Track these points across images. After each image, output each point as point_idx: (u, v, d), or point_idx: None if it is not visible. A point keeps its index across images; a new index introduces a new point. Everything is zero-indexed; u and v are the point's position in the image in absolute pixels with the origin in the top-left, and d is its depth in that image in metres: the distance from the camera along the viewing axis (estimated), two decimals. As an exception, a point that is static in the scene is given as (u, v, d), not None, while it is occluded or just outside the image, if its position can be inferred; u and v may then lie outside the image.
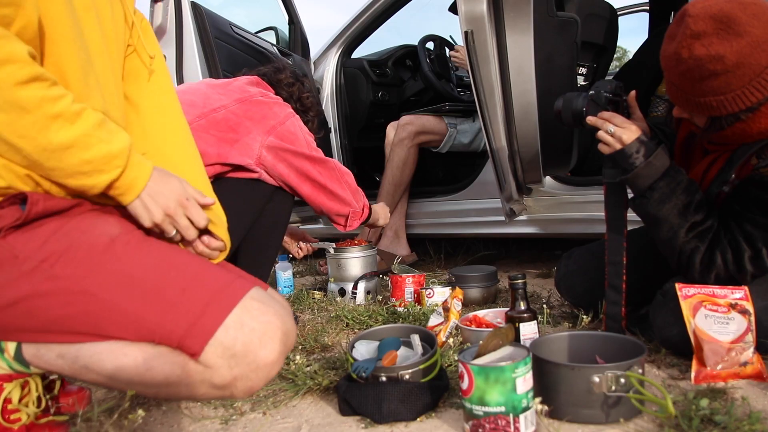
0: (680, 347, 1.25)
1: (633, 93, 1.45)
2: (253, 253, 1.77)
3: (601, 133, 1.36)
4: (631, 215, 1.44)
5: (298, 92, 1.93)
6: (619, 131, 1.33)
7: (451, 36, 3.26)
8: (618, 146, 1.33)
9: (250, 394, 0.94)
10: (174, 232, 1.03)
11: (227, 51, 2.45)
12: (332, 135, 3.06)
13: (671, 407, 0.94)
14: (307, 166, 1.75)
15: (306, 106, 1.95)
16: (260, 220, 1.76)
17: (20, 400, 1.03)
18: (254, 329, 0.92)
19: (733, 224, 1.26)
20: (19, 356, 0.99)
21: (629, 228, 1.47)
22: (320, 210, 1.86)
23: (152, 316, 0.91)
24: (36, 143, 0.86)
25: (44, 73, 0.87)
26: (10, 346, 0.99)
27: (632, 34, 3.85)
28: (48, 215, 0.96)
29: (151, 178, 0.99)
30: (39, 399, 1.06)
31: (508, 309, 1.36)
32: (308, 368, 1.30)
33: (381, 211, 2.12)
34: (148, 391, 0.97)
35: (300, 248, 2.17)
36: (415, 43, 3.10)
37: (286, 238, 2.21)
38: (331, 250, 2.21)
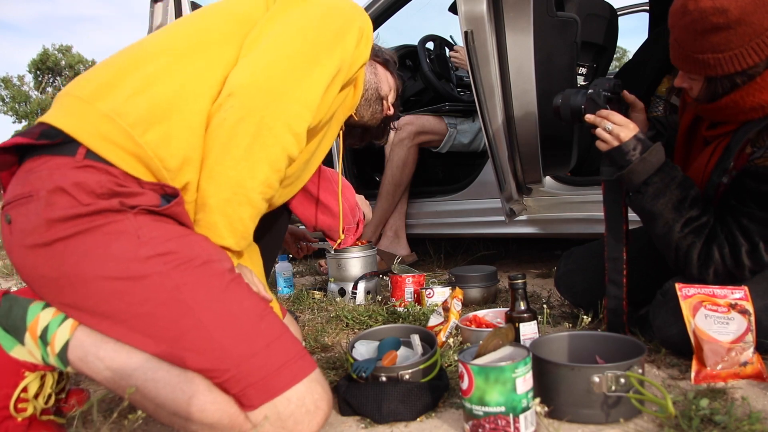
0: (680, 347, 1.25)
1: (625, 92, 1.51)
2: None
3: (599, 131, 1.39)
4: (632, 215, 1.44)
5: None
6: (617, 129, 1.35)
7: (451, 36, 3.26)
8: (615, 143, 1.35)
9: None
10: None
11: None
12: (332, 135, 3.06)
13: (671, 407, 0.94)
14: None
15: None
16: (259, 228, 1.69)
17: (36, 395, 1.04)
18: (309, 412, 0.96)
19: (729, 219, 1.26)
20: (62, 355, 0.99)
21: (630, 227, 1.48)
22: (311, 224, 1.70)
23: (233, 356, 0.94)
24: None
25: None
26: (58, 342, 0.99)
27: (632, 34, 3.85)
28: (176, 220, 1.02)
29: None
30: (50, 396, 1.06)
31: (508, 309, 1.36)
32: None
33: (366, 208, 1.97)
34: (180, 425, 0.97)
35: (300, 248, 2.16)
36: (415, 43, 3.10)
37: (286, 238, 2.19)
38: (332, 251, 2.20)
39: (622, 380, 0.99)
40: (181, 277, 0.96)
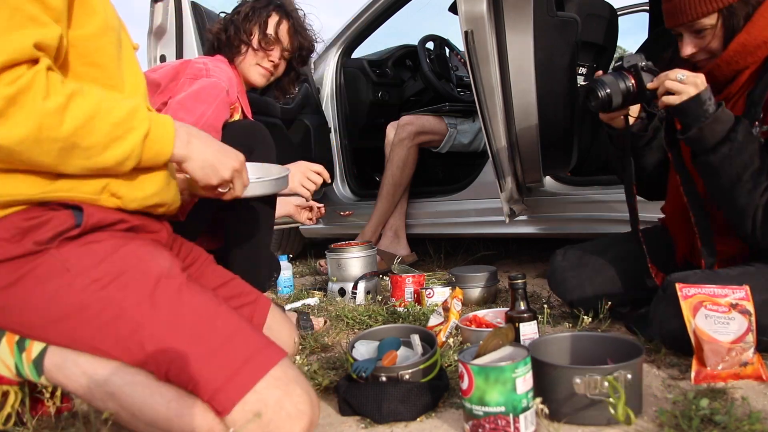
0: (680, 342, 1.24)
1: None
2: (245, 258, 1.64)
3: (669, 83, 1.29)
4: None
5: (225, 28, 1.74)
6: (691, 76, 1.27)
7: (449, 40, 3.26)
8: (693, 91, 1.26)
9: None
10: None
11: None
12: (332, 135, 3.06)
13: (621, 415, 0.94)
14: None
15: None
16: (245, 221, 1.63)
17: None
18: (291, 416, 0.90)
19: None
20: (38, 361, 0.96)
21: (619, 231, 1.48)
22: None
23: (192, 360, 0.90)
24: (65, 128, 0.85)
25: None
26: (35, 348, 0.97)
27: (632, 34, 3.85)
28: (102, 227, 0.97)
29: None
30: (9, 416, 1.03)
31: (508, 309, 1.36)
32: (308, 368, 1.30)
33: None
34: None
35: (310, 217, 2.05)
36: (415, 43, 3.10)
37: (291, 211, 2.10)
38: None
39: (605, 383, 0.97)
40: (121, 296, 0.92)
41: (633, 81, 1.37)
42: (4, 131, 0.80)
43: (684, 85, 1.28)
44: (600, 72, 1.42)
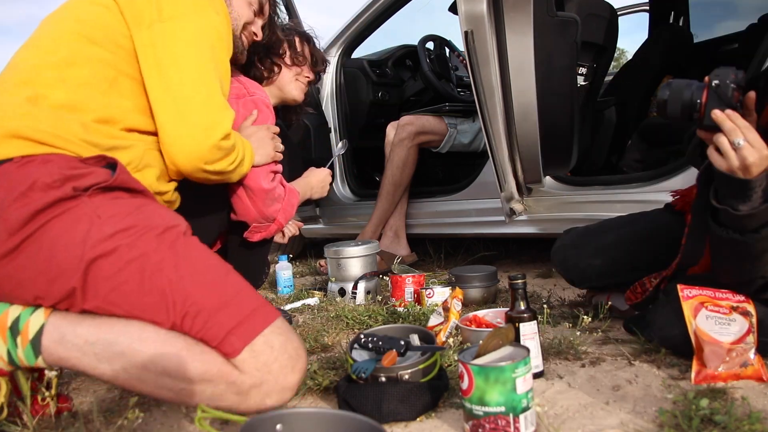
0: (681, 348, 1.25)
1: (753, 94, 1.12)
2: (240, 259, 1.65)
3: (722, 141, 1.07)
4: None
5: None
6: (747, 151, 1.03)
7: (450, 41, 3.26)
8: (739, 173, 1.06)
9: (259, 409, 0.98)
10: None
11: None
12: (332, 135, 3.06)
13: None
14: None
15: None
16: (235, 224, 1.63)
17: None
18: (292, 358, 1.01)
19: None
20: (36, 340, 0.99)
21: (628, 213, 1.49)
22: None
23: (208, 307, 0.98)
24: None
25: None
26: (32, 328, 0.99)
27: (632, 34, 3.86)
28: (127, 189, 1.08)
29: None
30: (1, 408, 1.04)
31: (508, 309, 1.36)
32: (308, 368, 1.30)
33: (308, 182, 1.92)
34: (168, 388, 0.98)
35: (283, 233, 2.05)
36: (415, 43, 3.10)
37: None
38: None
39: None
40: (146, 245, 1.01)
41: (703, 100, 1.12)
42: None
43: (735, 156, 1.05)
44: (706, 78, 1.15)
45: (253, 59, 1.84)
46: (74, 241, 0.98)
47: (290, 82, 1.93)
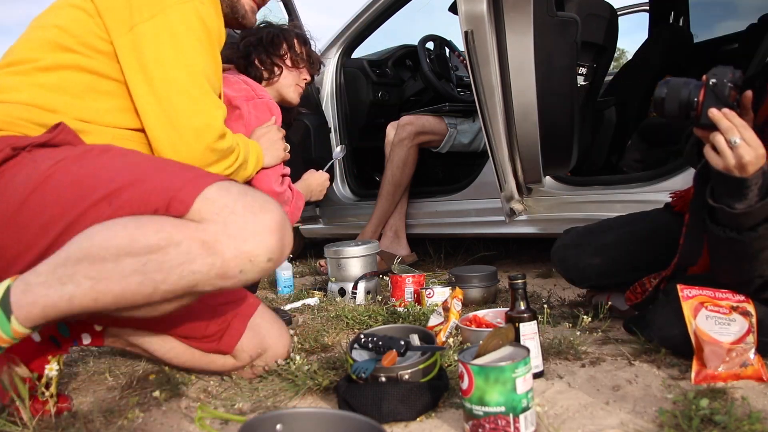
0: (681, 348, 1.25)
1: (749, 93, 1.13)
2: None
3: (719, 139, 1.08)
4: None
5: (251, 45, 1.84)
6: (743, 150, 1.04)
7: (451, 41, 3.26)
8: (736, 172, 1.06)
9: (242, 270, 0.90)
10: None
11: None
12: (332, 135, 3.06)
13: None
14: None
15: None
16: None
17: None
18: (255, 213, 0.92)
19: None
20: (5, 301, 0.92)
21: (627, 213, 1.49)
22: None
23: (155, 178, 0.97)
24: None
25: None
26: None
27: (632, 34, 3.86)
28: (69, 144, 1.09)
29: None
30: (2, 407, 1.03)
31: (508, 309, 1.36)
32: (308, 368, 1.30)
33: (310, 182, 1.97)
34: (133, 271, 0.90)
35: None
36: (415, 43, 3.10)
37: None
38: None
39: None
40: (83, 160, 1.03)
41: (701, 99, 1.12)
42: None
43: (731, 155, 1.06)
44: (704, 77, 1.18)
45: (253, 59, 1.85)
46: (15, 186, 1.00)
47: (290, 86, 1.94)
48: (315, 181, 1.95)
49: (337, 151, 2.46)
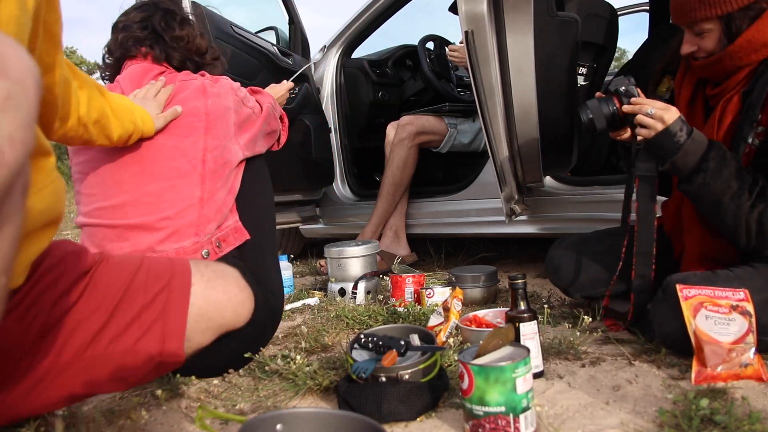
0: (679, 343, 1.24)
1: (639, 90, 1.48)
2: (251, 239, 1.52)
3: (640, 117, 1.37)
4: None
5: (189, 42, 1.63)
6: (660, 111, 1.34)
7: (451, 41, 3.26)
8: (660, 126, 1.34)
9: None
10: None
11: (227, 51, 2.45)
12: (332, 135, 3.06)
13: None
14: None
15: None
16: (244, 202, 1.55)
17: None
18: None
19: None
20: None
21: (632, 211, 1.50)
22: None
23: None
24: None
25: None
26: None
27: (632, 34, 3.85)
28: None
29: None
30: None
31: (508, 309, 1.36)
32: (308, 368, 1.30)
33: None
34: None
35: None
36: (415, 43, 3.10)
37: None
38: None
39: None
40: None
41: (618, 105, 1.43)
42: None
43: (653, 120, 1.35)
44: (598, 93, 1.49)
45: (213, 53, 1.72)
46: None
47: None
48: (278, 93, 1.94)
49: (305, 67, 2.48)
